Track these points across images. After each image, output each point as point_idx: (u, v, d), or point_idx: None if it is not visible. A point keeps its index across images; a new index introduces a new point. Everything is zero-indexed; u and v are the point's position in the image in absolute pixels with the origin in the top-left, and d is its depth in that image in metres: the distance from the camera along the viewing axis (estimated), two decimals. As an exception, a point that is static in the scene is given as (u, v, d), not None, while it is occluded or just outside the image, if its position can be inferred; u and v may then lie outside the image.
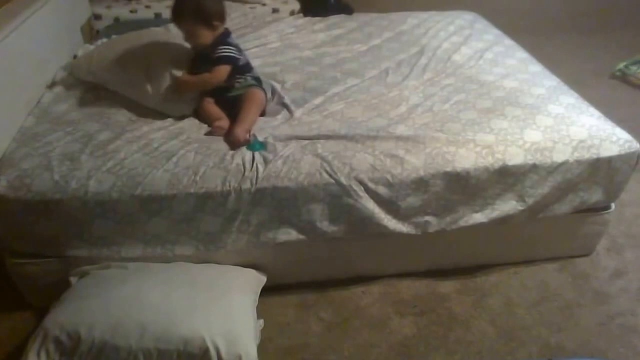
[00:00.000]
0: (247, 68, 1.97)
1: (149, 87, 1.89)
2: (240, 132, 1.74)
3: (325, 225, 1.69)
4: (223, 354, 1.38)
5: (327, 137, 1.76)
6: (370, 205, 1.68)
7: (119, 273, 1.62)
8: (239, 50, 1.95)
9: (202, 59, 1.92)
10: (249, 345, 1.44)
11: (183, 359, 1.39)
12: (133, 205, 1.59)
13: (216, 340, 1.39)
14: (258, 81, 1.99)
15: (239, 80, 1.93)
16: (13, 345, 1.67)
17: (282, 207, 1.64)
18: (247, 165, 1.64)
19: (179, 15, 1.86)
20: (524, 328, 1.74)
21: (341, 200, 1.66)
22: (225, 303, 1.52)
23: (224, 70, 1.86)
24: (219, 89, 1.91)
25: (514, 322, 1.76)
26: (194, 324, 1.42)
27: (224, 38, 1.92)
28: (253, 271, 1.75)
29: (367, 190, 1.66)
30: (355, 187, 1.65)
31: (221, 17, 1.90)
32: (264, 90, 1.98)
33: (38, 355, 1.38)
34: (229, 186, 1.60)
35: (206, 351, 1.38)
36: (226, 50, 1.87)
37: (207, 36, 1.88)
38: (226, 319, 1.47)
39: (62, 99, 2.04)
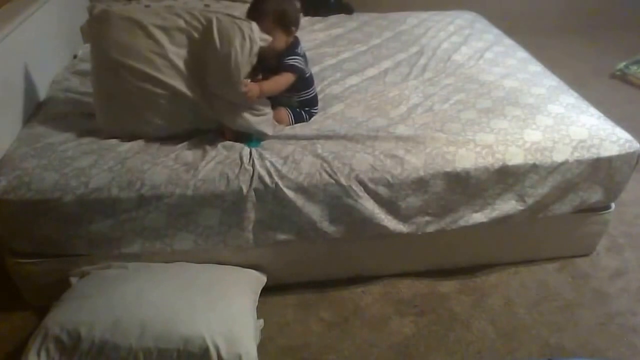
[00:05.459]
0: (309, 82, 1.90)
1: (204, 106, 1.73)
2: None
3: (325, 226, 1.69)
4: (223, 353, 1.38)
5: (327, 137, 1.76)
6: (370, 205, 1.68)
7: (120, 273, 1.63)
8: (305, 61, 1.86)
9: (265, 68, 1.77)
10: (249, 345, 1.44)
11: (183, 358, 1.39)
12: (132, 202, 1.59)
13: (216, 339, 1.39)
14: (308, 103, 1.90)
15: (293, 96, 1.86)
16: (13, 344, 1.67)
17: (282, 206, 1.64)
18: (245, 160, 1.65)
19: (260, 13, 1.71)
20: (524, 328, 1.74)
21: (341, 201, 1.66)
22: (225, 303, 1.52)
23: (287, 78, 1.76)
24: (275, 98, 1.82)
25: (514, 322, 1.76)
26: (194, 324, 1.42)
27: (294, 47, 1.81)
28: (253, 271, 1.75)
29: (367, 190, 1.66)
30: (355, 188, 1.65)
31: (298, 23, 1.80)
32: (290, 113, 1.87)
33: (38, 354, 1.38)
34: (227, 182, 1.61)
35: (206, 350, 1.38)
36: (293, 60, 1.78)
37: (282, 41, 1.76)
38: (226, 318, 1.47)
39: (63, 99, 2.04)
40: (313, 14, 3.08)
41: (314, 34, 2.71)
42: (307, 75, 1.88)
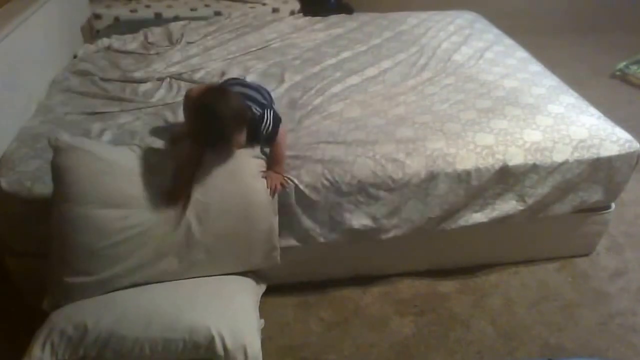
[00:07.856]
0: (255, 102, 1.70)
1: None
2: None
3: (326, 233, 1.69)
4: (228, 343, 1.38)
5: (327, 143, 1.74)
6: (372, 210, 1.67)
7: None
8: (248, 97, 1.68)
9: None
10: (253, 336, 1.45)
11: (189, 348, 1.39)
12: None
13: (221, 330, 1.39)
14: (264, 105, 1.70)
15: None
16: (13, 345, 1.66)
17: (283, 213, 1.63)
18: None
19: (225, 136, 1.53)
20: (524, 328, 1.74)
21: (342, 207, 1.66)
22: (228, 299, 1.52)
23: (282, 136, 1.65)
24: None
25: (514, 322, 1.76)
26: (199, 315, 1.42)
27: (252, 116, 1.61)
28: (253, 278, 1.73)
29: (369, 195, 1.66)
30: (356, 194, 1.64)
31: (245, 109, 1.60)
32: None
33: (43, 346, 1.38)
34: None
35: (212, 340, 1.38)
36: (267, 121, 1.62)
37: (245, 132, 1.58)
38: (230, 312, 1.47)
39: (63, 100, 2.04)
40: (313, 14, 3.08)
41: (314, 34, 2.71)
42: (260, 101, 1.70)
